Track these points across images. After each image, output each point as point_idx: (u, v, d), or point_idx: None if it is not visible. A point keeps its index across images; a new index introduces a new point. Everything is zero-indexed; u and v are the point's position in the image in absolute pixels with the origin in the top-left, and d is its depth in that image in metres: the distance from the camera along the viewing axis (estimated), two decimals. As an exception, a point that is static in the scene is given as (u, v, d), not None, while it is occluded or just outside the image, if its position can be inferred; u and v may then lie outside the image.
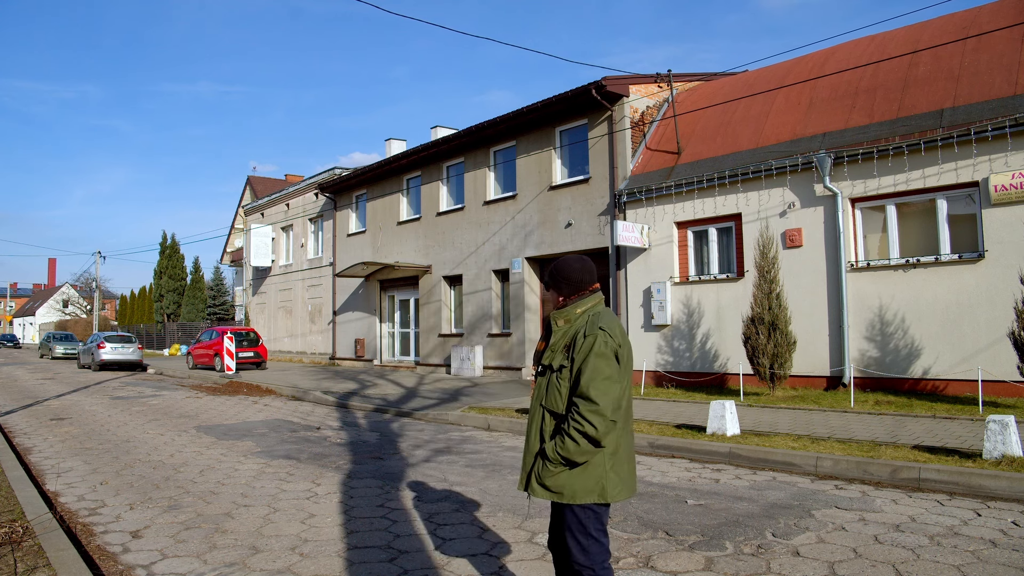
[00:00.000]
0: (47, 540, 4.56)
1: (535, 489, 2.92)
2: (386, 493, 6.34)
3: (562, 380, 2.88)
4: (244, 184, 48.29)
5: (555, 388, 2.90)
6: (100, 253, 45.46)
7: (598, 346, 2.81)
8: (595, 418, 2.76)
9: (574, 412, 2.79)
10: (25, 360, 36.02)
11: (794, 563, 4.35)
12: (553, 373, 2.91)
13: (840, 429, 8.45)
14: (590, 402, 2.76)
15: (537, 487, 2.92)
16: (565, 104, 16.47)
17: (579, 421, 2.76)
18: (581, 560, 2.90)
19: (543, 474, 2.89)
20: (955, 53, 11.86)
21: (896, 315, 11.50)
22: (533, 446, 2.97)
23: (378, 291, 23.78)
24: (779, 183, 12.95)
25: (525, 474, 2.98)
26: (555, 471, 2.86)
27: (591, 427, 2.76)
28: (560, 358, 2.91)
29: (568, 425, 2.80)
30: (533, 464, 2.94)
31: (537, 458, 2.92)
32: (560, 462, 2.85)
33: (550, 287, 3.07)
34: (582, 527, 2.90)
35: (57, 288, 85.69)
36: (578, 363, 2.82)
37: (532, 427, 2.99)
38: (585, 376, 2.79)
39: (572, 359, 2.85)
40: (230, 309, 48.72)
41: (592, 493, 2.87)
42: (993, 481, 5.93)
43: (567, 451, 2.80)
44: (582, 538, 2.90)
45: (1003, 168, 10.47)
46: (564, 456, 2.82)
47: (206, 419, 11.62)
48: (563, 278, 3.04)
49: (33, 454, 8.50)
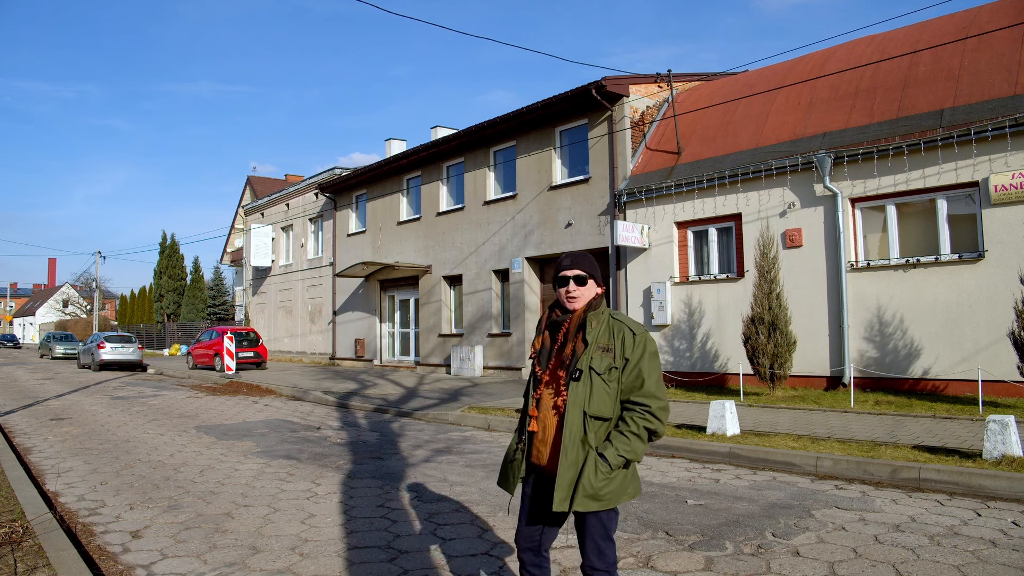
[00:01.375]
0: (47, 540, 4.55)
1: (582, 503, 2.69)
2: (386, 493, 6.34)
3: (610, 382, 2.75)
4: (244, 184, 48.29)
5: (602, 391, 2.74)
6: (100, 253, 45.52)
7: (651, 345, 2.79)
8: (664, 415, 2.78)
9: (642, 411, 2.74)
10: (25, 360, 36.02)
11: (794, 563, 4.35)
12: (598, 376, 2.74)
13: (840, 429, 8.45)
14: (658, 399, 2.75)
15: (585, 500, 2.69)
16: (565, 104, 16.47)
17: (650, 419, 2.74)
18: (598, 564, 2.82)
19: (598, 483, 2.69)
20: (955, 53, 11.86)
21: (896, 315, 11.50)
22: (576, 457, 2.71)
23: (378, 291, 23.78)
24: (779, 183, 12.95)
25: (569, 491, 2.69)
26: (613, 476, 2.73)
27: (660, 424, 2.77)
28: (605, 360, 2.75)
29: (634, 425, 2.73)
30: (580, 476, 2.69)
31: (584, 468, 2.69)
32: (622, 466, 2.74)
33: (590, 278, 2.85)
34: (606, 531, 2.82)
35: (57, 288, 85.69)
36: (634, 362, 2.75)
37: (570, 435, 2.71)
38: (648, 375, 2.75)
39: (626, 359, 2.75)
40: (230, 309, 48.71)
41: (628, 494, 2.80)
42: (993, 481, 5.92)
43: (635, 452, 2.73)
44: (603, 542, 2.81)
45: (1003, 168, 10.47)
46: (630, 458, 2.73)
47: (206, 419, 11.62)
48: (596, 269, 2.89)
49: (33, 454, 8.50)
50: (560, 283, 2.88)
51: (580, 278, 2.84)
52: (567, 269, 2.86)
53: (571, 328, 2.84)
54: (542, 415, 2.85)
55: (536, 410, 2.88)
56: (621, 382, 2.76)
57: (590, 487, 2.68)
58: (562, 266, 2.88)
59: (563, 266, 2.88)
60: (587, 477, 2.68)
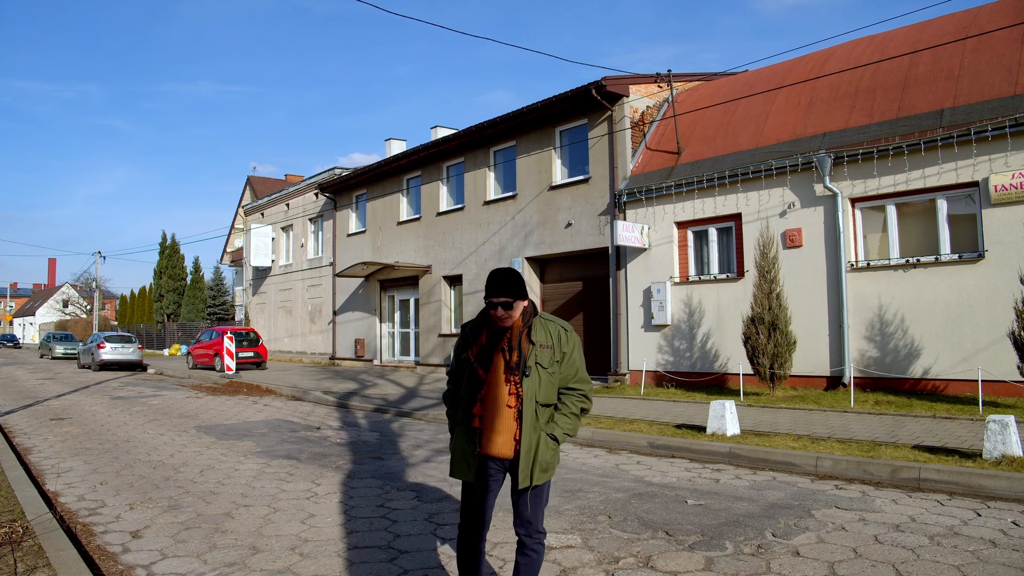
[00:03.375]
0: (47, 540, 4.55)
1: (539, 476, 3.19)
2: (386, 493, 6.34)
3: (553, 374, 3.23)
4: (244, 184, 48.28)
5: (548, 382, 3.22)
6: (100, 253, 45.51)
7: (578, 339, 3.38)
8: (592, 395, 3.41)
9: (577, 395, 3.30)
10: (25, 360, 36.03)
11: (794, 563, 4.35)
12: (544, 369, 3.20)
13: (840, 429, 8.45)
14: (588, 383, 3.37)
15: (541, 474, 3.19)
16: (565, 104, 16.47)
17: (584, 400, 3.33)
18: (540, 527, 3.30)
19: (549, 460, 3.22)
20: (955, 53, 11.86)
21: (896, 315, 11.50)
22: (532, 440, 3.17)
23: (378, 291, 23.79)
24: (779, 183, 12.95)
25: (529, 469, 3.17)
26: (556, 450, 3.27)
27: (590, 403, 3.38)
28: (546, 355, 3.22)
29: (573, 407, 3.28)
30: (536, 454, 3.17)
31: (539, 448, 3.17)
32: (565, 440, 3.31)
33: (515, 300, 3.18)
34: (547, 496, 3.35)
35: (57, 288, 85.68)
36: (569, 355, 3.28)
37: (527, 424, 3.16)
38: (580, 364, 3.32)
39: (563, 353, 3.26)
40: (230, 309, 48.72)
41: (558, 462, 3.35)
42: (993, 481, 5.93)
43: (574, 429, 3.31)
44: (543, 508, 3.32)
45: (1003, 168, 10.47)
46: (571, 434, 3.29)
47: (206, 419, 11.62)
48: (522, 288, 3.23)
49: (33, 454, 8.50)
50: (490, 307, 3.22)
51: (507, 304, 3.18)
52: (496, 296, 3.17)
53: (517, 335, 3.22)
54: (492, 410, 3.20)
55: (481, 407, 3.22)
56: (560, 372, 3.26)
57: (544, 462, 3.20)
58: (492, 291, 3.18)
59: (493, 291, 3.18)
60: (541, 454, 3.19)
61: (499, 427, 3.18)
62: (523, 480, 3.17)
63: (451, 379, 3.50)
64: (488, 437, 3.20)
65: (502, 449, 3.19)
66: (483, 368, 3.23)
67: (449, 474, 3.45)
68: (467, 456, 3.26)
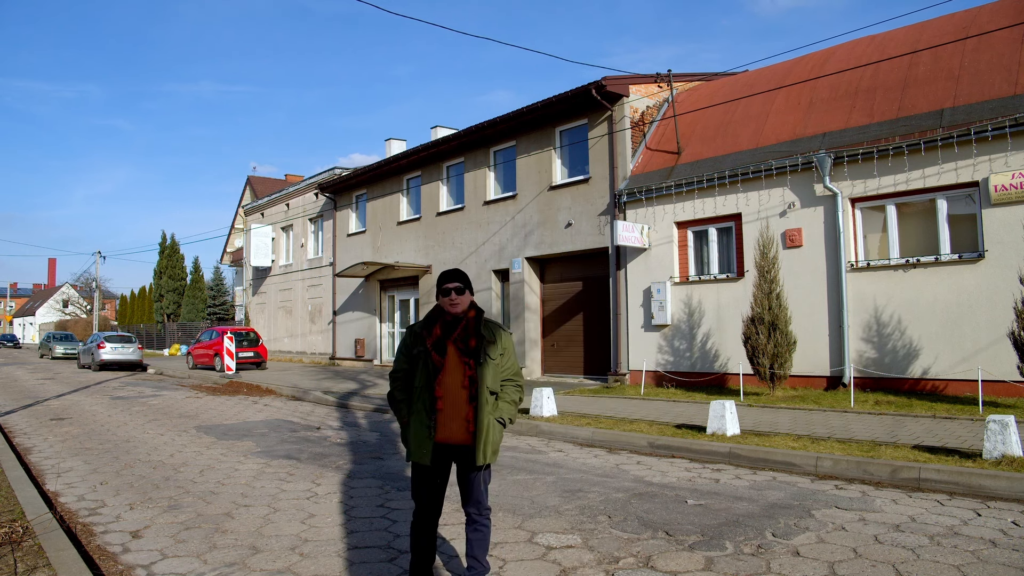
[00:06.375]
0: (47, 540, 4.55)
1: (491, 456, 3.63)
2: (386, 493, 6.34)
3: (497, 367, 3.69)
4: (244, 184, 48.31)
5: (496, 372, 3.68)
6: (100, 253, 45.52)
7: (513, 341, 3.97)
8: (524, 386, 3.95)
9: (515, 385, 3.79)
10: (25, 360, 36.02)
11: (794, 563, 4.35)
12: (492, 361, 3.66)
13: (840, 429, 8.45)
14: (522, 376, 3.90)
15: (492, 454, 3.63)
16: (565, 104, 16.47)
17: (520, 391, 3.83)
18: (487, 504, 3.77)
19: (498, 441, 3.68)
20: (955, 53, 11.86)
21: (896, 315, 11.50)
22: (484, 424, 3.58)
23: (378, 291, 23.78)
24: (779, 183, 12.95)
25: (483, 451, 3.58)
26: (502, 432, 3.73)
27: (523, 393, 3.88)
28: (492, 349, 3.68)
29: (514, 395, 3.77)
30: (488, 437, 3.59)
31: (489, 431, 3.59)
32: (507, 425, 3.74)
33: (466, 288, 3.72)
34: (490, 477, 3.80)
35: (57, 288, 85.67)
36: (509, 352, 3.80)
37: (483, 411, 3.58)
38: (516, 360, 3.84)
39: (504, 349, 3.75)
40: (230, 309, 48.70)
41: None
42: (993, 481, 5.92)
43: (514, 415, 3.78)
44: (487, 487, 3.77)
45: (1003, 168, 10.47)
46: (513, 419, 3.77)
47: (206, 419, 11.62)
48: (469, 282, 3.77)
49: (33, 454, 8.50)
50: (444, 293, 3.67)
51: (459, 288, 3.68)
52: (450, 282, 3.67)
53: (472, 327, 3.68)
54: (448, 394, 3.59)
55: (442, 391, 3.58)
56: (502, 365, 3.73)
57: (494, 443, 3.64)
58: (446, 280, 3.69)
59: (447, 279, 3.69)
60: (492, 437, 3.63)
61: (454, 413, 3.58)
62: (480, 458, 3.57)
63: (396, 379, 3.78)
64: (444, 423, 3.58)
65: (456, 434, 3.58)
66: (439, 355, 3.60)
67: (406, 459, 3.76)
68: (423, 442, 3.58)
